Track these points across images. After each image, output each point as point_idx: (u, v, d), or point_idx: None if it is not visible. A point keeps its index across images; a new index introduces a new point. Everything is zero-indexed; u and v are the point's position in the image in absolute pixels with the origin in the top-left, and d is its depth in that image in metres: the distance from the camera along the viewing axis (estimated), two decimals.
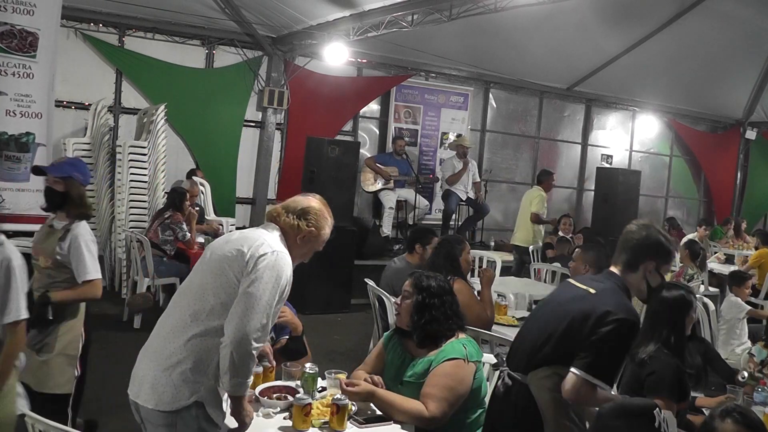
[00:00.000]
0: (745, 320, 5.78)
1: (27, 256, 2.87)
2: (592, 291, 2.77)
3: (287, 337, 3.42)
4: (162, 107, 7.76)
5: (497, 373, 3.02)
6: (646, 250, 2.78)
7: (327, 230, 2.72)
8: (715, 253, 9.87)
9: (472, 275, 6.46)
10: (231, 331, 2.35)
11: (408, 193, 9.70)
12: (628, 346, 2.70)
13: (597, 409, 2.50)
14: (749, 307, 5.84)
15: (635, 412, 2.37)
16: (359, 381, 2.87)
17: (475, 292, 4.68)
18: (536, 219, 8.64)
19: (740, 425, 2.12)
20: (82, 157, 7.70)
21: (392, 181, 9.57)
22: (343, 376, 2.92)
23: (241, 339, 2.34)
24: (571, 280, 3.02)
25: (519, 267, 8.66)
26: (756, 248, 9.21)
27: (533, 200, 8.73)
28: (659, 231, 2.84)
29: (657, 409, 2.33)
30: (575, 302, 2.75)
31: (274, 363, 3.08)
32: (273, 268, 2.44)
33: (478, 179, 9.91)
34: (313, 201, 2.73)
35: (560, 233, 8.39)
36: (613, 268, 2.84)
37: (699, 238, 9.71)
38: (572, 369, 2.61)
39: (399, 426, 2.73)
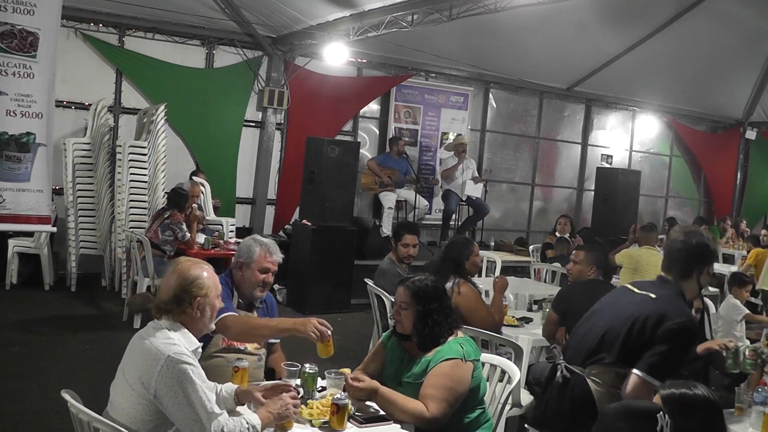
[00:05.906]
0: (743, 322, 5.77)
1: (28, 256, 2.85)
2: (653, 296, 2.92)
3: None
4: (162, 107, 7.76)
5: (552, 365, 3.16)
6: (699, 258, 2.93)
7: (212, 282, 2.51)
8: None
9: (479, 275, 6.48)
10: None
11: (408, 193, 9.70)
12: (688, 350, 2.87)
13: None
14: (747, 311, 5.83)
15: (640, 414, 2.37)
16: (364, 377, 2.89)
17: (483, 294, 4.68)
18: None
19: (663, 400, 2.14)
20: (82, 157, 7.73)
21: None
22: (347, 371, 2.94)
23: None
24: (629, 286, 3.14)
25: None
26: (747, 251, 9.20)
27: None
28: (703, 234, 3.00)
29: (661, 413, 2.33)
30: (636, 306, 2.91)
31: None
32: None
33: (478, 176, 9.89)
34: (176, 275, 2.51)
35: (557, 233, 8.39)
36: (665, 275, 2.98)
37: None
38: (634, 371, 2.77)
39: (399, 426, 2.73)
